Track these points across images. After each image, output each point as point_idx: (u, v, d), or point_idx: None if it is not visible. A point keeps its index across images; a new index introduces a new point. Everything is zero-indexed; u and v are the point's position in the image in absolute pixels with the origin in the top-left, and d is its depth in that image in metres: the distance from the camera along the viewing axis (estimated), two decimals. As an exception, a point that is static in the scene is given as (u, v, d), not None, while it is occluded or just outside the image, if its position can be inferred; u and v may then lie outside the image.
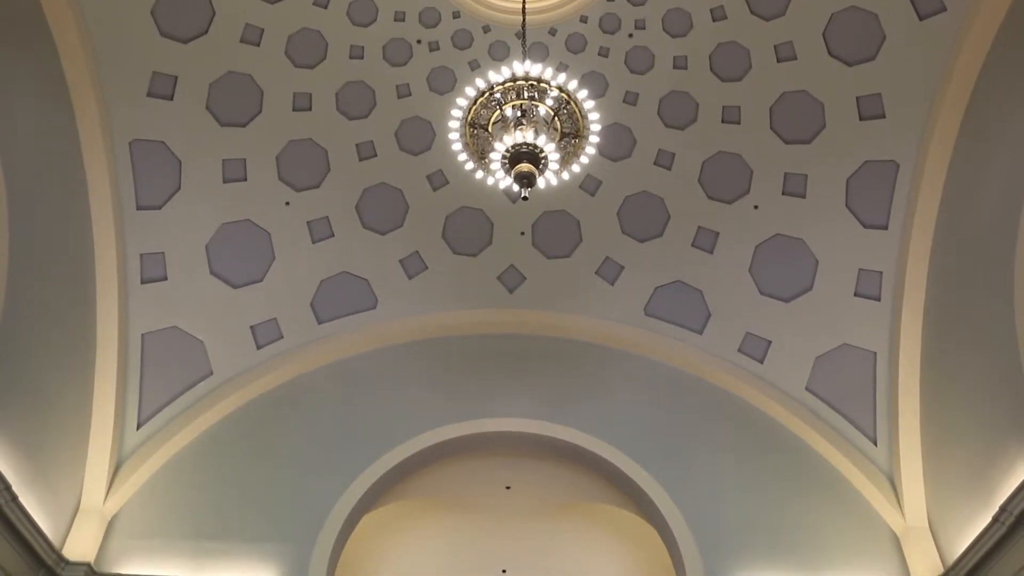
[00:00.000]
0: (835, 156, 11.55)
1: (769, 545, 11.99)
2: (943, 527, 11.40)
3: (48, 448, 10.68)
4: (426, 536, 16.57)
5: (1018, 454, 9.59)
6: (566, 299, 13.80)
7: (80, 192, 10.74)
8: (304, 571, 11.64)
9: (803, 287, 12.48)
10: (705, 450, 12.99)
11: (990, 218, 9.88)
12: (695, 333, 13.53)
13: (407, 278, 13.49)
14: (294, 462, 12.65)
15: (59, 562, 10.88)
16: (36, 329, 10.14)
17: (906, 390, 11.80)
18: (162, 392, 12.38)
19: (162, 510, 12.04)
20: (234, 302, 12.62)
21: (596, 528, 16.47)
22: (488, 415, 13.29)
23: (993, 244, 9.82)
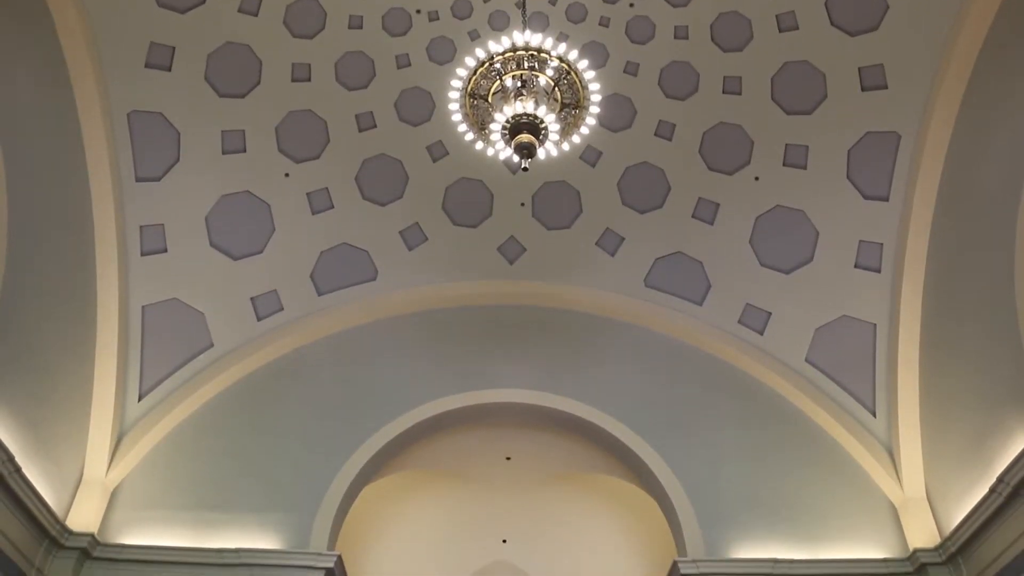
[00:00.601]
0: (836, 127, 11.49)
1: (768, 515, 12.07)
2: (941, 498, 11.48)
3: (50, 420, 10.73)
4: (426, 506, 16.70)
5: (1016, 425, 9.65)
6: (566, 270, 13.80)
7: (78, 164, 10.70)
8: (306, 541, 11.73)
9: (803, 259, 12.46)
10: (705, 421, 13.04)
11: (992, 190, 9.85)
12: (695, 304, 13.54)
13: (407, 249, 13.47)
14: (295, 433, 12.71)
15: (63, 532, 10.96)
16: (37, 302, 10.15)
17: (905, 362, 11.83)
18: (163, 364, 12.41)
19: (164, 481, 12.12)
20: (234, 274, 12.62)
21: (595, 499, 16.58)
22: (488, 386, 13.33)
23: (994, 217, 9.80)
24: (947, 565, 11.16)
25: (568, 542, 17.11)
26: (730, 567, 11.57)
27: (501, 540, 17.22)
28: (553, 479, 16.09)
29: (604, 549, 16.99)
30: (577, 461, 14.95)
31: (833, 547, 11.72)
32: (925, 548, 11.29)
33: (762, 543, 11.83)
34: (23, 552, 10.30)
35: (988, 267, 9.99)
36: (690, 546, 11.93)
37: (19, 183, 9.51)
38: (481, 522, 16.88)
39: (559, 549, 17.15)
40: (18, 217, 9.58)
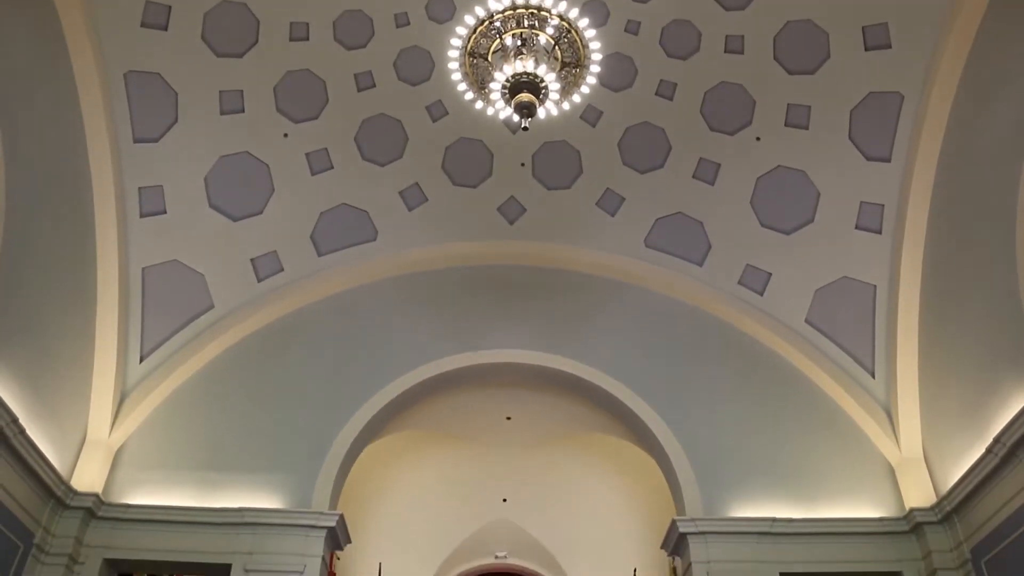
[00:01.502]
0: (839, 87, 11.37)
1: (766, 475, 12.19)
2: (938, 458, 11.57)
3: (52, 382, 10.79)
4: (427, 467, 16.86)
5: (1014, 387, 9.70)
6: (566, 230, 13.76)
7: (75, 126, 10.62)
8: (307, 501, 11.86)
9: (804, 219, 12.43)
10: (704, 381, 13.11)
11: (994, 152, 9.79)
12: (695, 265, 13.53)
13: (407, 210, 13.42)
14: (296, 394, 12.79)
15: (68, 493, 11.08)
16: (36, 265, 10.15)
17: (905, 323, 11.86)
18: (164, 326, 12.45)
19: (167, 442, 12.23)
20: (234, 235, 12.60)
21: (595, 458, 16.73)
22: (488, 347, 13.38)
23: (996, 178, 9.76)
24: (942, 524, 11.29)
25: (568, 501, 17.29)
26: (728, 526, 11.70)
27: (501, 499, 17.41)
28: (553, 439, 16.21)
29: (603, 508, 17.19)
30: (577, 421, 15.05)
31: (830, 506, 11.86)
32: (921, 507, 11.42)
33: (760, 502, 11.96)
34: (30, 512, 10.43)
35: (989, 229, 9.97)
36: (689, 505, 12.06)
37: (15, 145, 9.45)
38: (481, 481, 17.04)
39: (559, 508, 17.36)
40: (16, 180, 9.53)
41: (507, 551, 18.27)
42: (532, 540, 17.74)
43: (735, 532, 11.63)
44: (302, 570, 11.24)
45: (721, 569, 11.40)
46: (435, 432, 15.93)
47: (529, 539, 17.75)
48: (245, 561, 11.22)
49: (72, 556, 10.92)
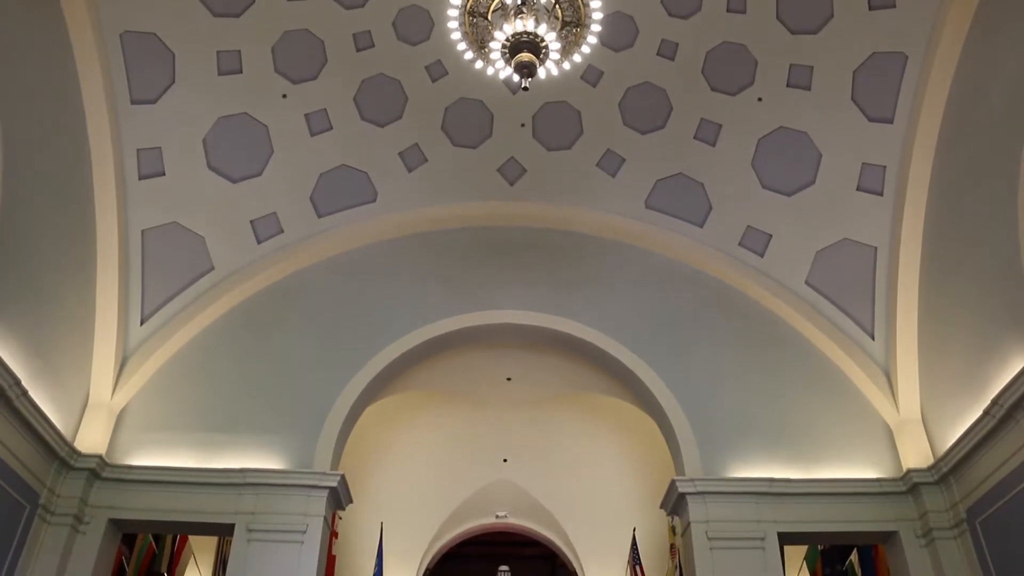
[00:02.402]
0: (842, 47, 11.25)
1: (765, 437, 12.29)
2: (935, 420, 11.65)
3: (54, 345, 10.83)
4: (428, 427, 16.98)
5: (1012, 349, 9.73)
6: (567, 191, 13.71)
7: (72, 87, 10.53)
8: (309, 462, 11.96)
9: (805, 181, 12.37)
10: (704, 343, 13.16)
11: (998, 114, 9.72)
12: (696, 226, 13.50)
13: (407, 171, 13.36)
14: (297, 355, 12.85)
15: (72, 454, 11.18)
16: (36, 227, 10.13)
17: (905, 285, 11.87)
18: (164, 288, 12.46)
19: (169, 403, 12.30)
20: (233, 197, 12.56)
21: (595, 419, 16.84)
22: (488, 307, 13.40)
23: (999, 141, 9.70)
24: (939, 485, 11.41)
25: (568, 461, 17.44)
26: (727, 486, 11.82)
27: (502, 459, 17.56)
28: (553, 399, 16.30)
29: (603, 468, 17.34)
30: (577, 382, 15.12)
31: (828, 467, 11.97)
32: (918, 468, 11.52)
33: (759, 463, 12.07)
34: (34, 473, 10.55)
35: (991, 192, 9.94)
36: (688, 466, 12.17)
37: (11, 108, 9.39)
38: (482, 442, 17.17)
39: (559, 468, 17.51)
40: (13, 144, 9.48)
41: (507, 511, 18.48)
42: (532, 500, 17.92)
43: (734, 492, 11.76)
44: (305, 530, 11.37)
45: (719, 529, 11.52)
46: (436, 393, 16.01)
47: (529, 499, 17.93)
48: (248, 521, 11.35)
49: (77, 516, 11.06)
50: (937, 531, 11.18)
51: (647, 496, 16.41)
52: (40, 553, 10.65)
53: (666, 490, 12.43)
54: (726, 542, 11.44)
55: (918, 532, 11.44)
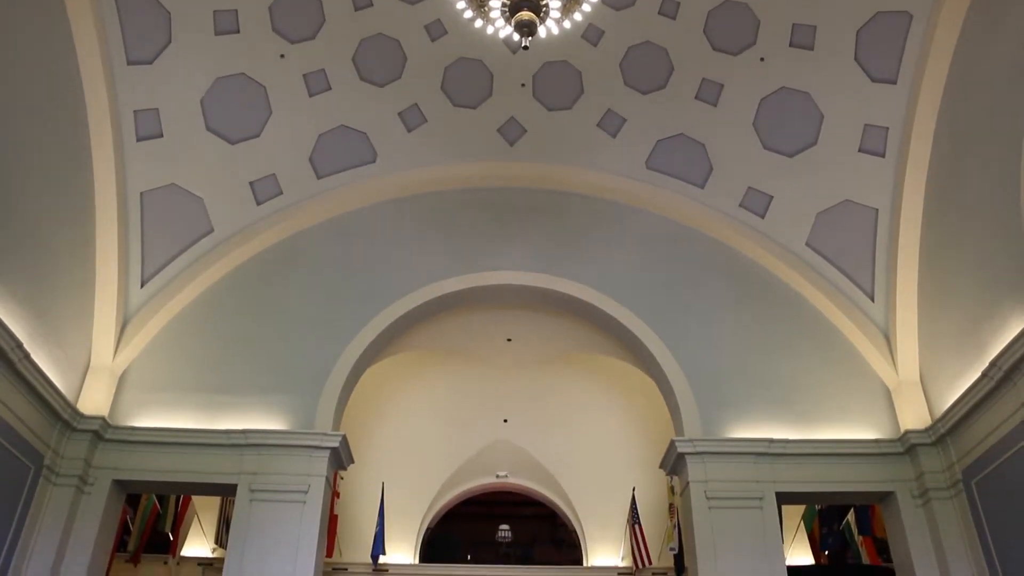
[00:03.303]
0: (846, 6, 11.08)
1: (764, 397, 12.35)
2: (934, 381, 11.70)
3: (56, 308, 10.85)
4: (428, 388, 17.07)
5: (1011, 311, 9.74)
6: (567, 152, 13.63)
7: (67, 47, 10.39)
8: (311, 422, 12.05)
9: (807, 142, 12.29)
10: (704, 303, 13.17)
11: (1003, 74, 9.63)
12: (696, 187, 13.45)
13: (406, 131, 13.27)
14: (298, 316, 12.87)
15: (75, 416, 11.26)
16: (34, 190, 10.09)
17: (905, 247, 11.86)
18: (164, 250, 12.45)
19: (170, 365, 12.36)
20: (232, 158, 12.49)
21: (595, 379, 16.92)
22: (489, 268, 13.41)
23: (1003, 103, 9.63)
24: (936, 446, 11.50)
25: (568, 422, 17.55)
26: (726, 446, 11.91)
27: (502, 419, 17.67)
28: (553, 360, 16.36)
29: (603, 428, 17.46)
30: (577, 342, 15.17)
31: (827, 428, 12.05)
32: (916, 430, 11.61)
33: (758, 423, 12.14)
34: (38, 435, 10.64)
35: (994, 153, 9.88)
36: (687, 426, 12.25)
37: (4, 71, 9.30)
38: (482, 403, 17.27)
39: (559, 429, 17.63)
40: (9, 107, 9.42)
41: (508, 471, 18.63)
42: (532, 460, 18.07)
43: (732, 452, 11.85)
44: (306, 490, 11.48)
45: (718, 488, 11.64)
46: (437, 353, 16.07)
47: (529, 459, 18.08)
48: (250, 481, 11.46)
49: (82, 477, 11.17)
50: (933, 491, 11.29)
51: (646, 456, 16.55)
52: (46, 514, 10.78)
53: (665, 450, 12.53)
54: (724, 502, 11.56)
55: (914, 492, 11.54)
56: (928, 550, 11.19)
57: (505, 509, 22.45)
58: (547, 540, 23.92)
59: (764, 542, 11.30)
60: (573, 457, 17.76)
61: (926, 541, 11.25)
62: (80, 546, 10.91)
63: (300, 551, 11.07)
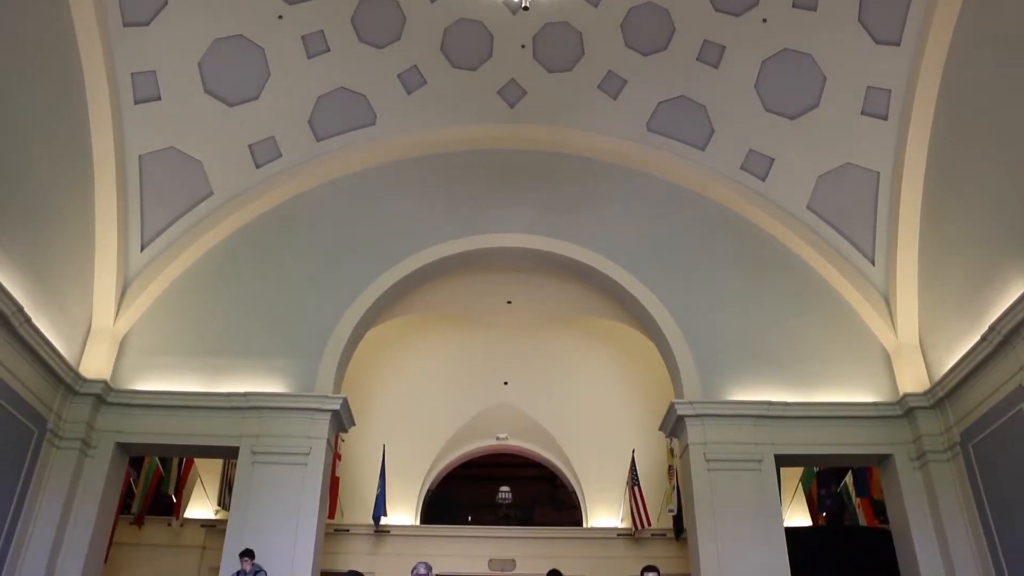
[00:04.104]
0: (850, -35, 11.02)
1: (764, 360, 12.39)
2: (933, 345, 11.73)
3: (55, 272, 10.87)
4: (429, 350, 17.07)
5: (1011, 276, 9.75)
6: (568, 114, 13.55)
7: (62, 9, 10.28)
8: (312, 385, 12.09)
9: (809, 104, 12.21)
10: (704, 266, 13.17)
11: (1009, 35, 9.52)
12: (697, 149, 13.38)
13: (406, 93, 13.18)
14: (298, 279, 12.87)
15: (77, 379, 11.31)
16: (32, 155, 10.05)
17: (907, 211, 11.83)
18: (163, 213, 12.43)
19: (171, 328, 12.38)
20: (231, 121, 12.42)
21: (596, 342, 16.93)
22: (489, 230, 13.40)
23: (1009, 66, 9.54)
24: (934, 409, 11.55)
25: (568, 384, 17.59)
26: (725, 409, 11.98)
27: (503, 382, 17.70)
28: (554, 322, 16.38)
29: (603, 391, 17.50)
30: (578, 305, 15.17)
31: (826, 391, 12.11)
32: (914, 393, 11.66)
33: (757, 386, 12.19)
34: (41, 399, 10.70)
35: (997, 117, 9.81)
36: (687, 388, 12.31)
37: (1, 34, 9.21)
38: (483, 365, 17.29)
39: (559, 391, 17.67)
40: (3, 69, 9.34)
41: (508, 433, 18.70)
42: (533, 422, 18.13)
43: (732, 415, 11.92)
44: (308, 452, 11.56)
45: (717, 451, 11.72)
46: (437, 316, 16.09)
47: (530, 422, 18.14)
48: (252, 444, 11.54)
49: (85, 440, 11.25)
50: (931, 454, 11.37)
51: (646, 418, 16.60)
52: (50, 476, 10.88)
53: (665, 412, 12.58)
54: (723, 464, 11.65)
55: (912, 455, 11.62)
56: (925, 512, 11.31)
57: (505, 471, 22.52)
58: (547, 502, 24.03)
59: (762, 504, 11.41)
60: (573, 419, 17.83)
61: (923, 503, 11.36)
62: (85, 508, 11.04)
63: (302, 513, 11.17)
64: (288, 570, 10.76)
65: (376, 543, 16.51)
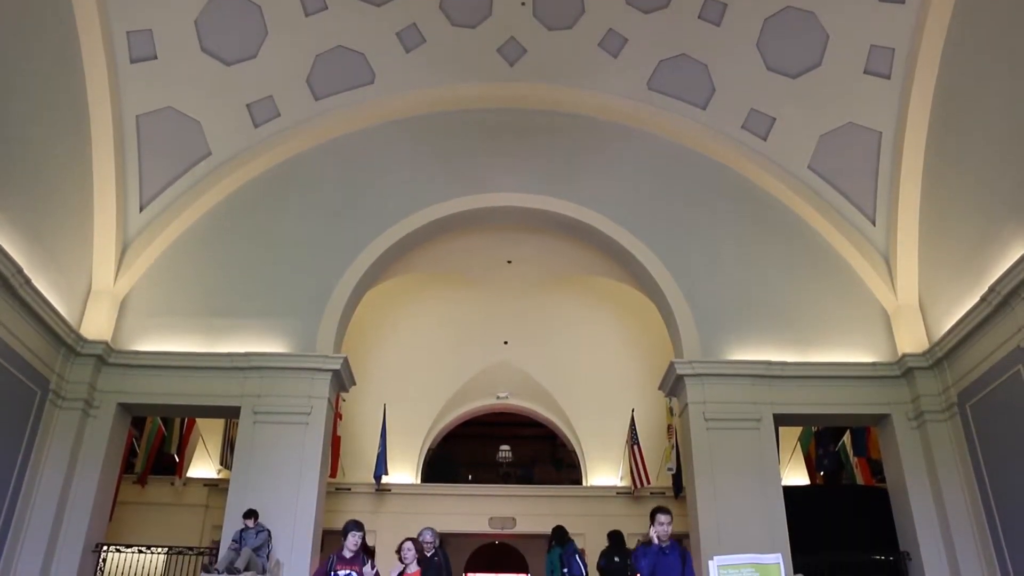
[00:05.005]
0: (855, -79, 10.86)
1: (763, 320, 12.41)
2: (932, 306, 11.74)
3: (54, 233, 10.86)
4: (429, 310, 17.10)
5: (1012, 237, 9.74)
6: (568, 72, 13.42)
7: (56, -34, 10.18)
8: (312, 344, 12.12)
9: (811, 63, 12.09)
10: (704, 226, 13.14)
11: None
12: (698, 108, 13.28)
13: (404, 51, 13.04)
14: (298, 239, 12.86)
15: (78, 340, 11.35)
16: (27, 116, 9.99)
17: (908, 171, 11.77)
18: (162, 174, 12.37)
19: (171, 289, 12.39)
20: (228, 80, 12.31)
21: (596, 301, 16.95)
22: (489, 190, 13.35)
23: (1013, 25, 9.43)
24: (932, 369, 11.60)
25: (568, 343, 17.64)
26: (724, 368, 12.02)
27: (503, 341, 17.75)
28: (554, 282, 16.38)
29: (603, 350, 17.56)
30: (577, 264, 15.18)
31: (825, 351, 12.14)
32: (913, 353, 11.70)
33: (757, 346, 12.23)
34: (43, 360, 10.74)
35: (1001, 76, 9.73)
36: (687, 348, 12.34)
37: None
38: (483, 324, 17.33)
39: (559, 350, 17.73)
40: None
41: (508, 392, 18.80)
42: (532, 382, 18.23)
43: (731, 374, 11.97)
44: (309, 411, 11.63)
45: (716, 410, 11.79)
46: (437, 276, 16.09)
47: (530, 381, 18.23)
48: (254, 404, 11.60)
49: (87, 401, 11.31)
50: (929, 414, 11.44)
51: (646, 378, 16.68)
52: (54, 437, 10.96)
53: (665, 372, 12.63)
54: (722, 423, 11.72)
55: (910, 415, 11.69)
56: (921, 471, 11.41)
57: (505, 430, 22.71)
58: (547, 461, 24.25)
59: (761, 463, 11.50)
60: (573, 379, 17.92)
61: (920, 462, 11.46)
62: (88, 468, 11.14)
63: (304, 472, 11.27)
64: (290, 528, 10.87)
65: (377, 501, 16.68)
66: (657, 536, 7.49)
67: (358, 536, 8.17)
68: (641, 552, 7.54)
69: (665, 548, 7.48)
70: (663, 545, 7.49)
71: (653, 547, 7.48)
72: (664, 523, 7.49)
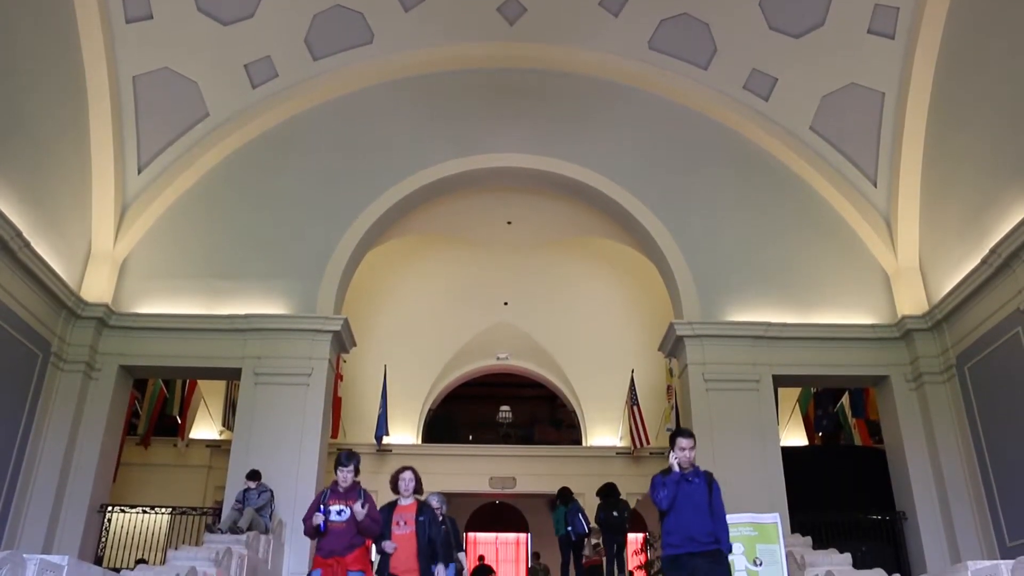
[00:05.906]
0: None
1: (764, 281, 12.42)
2: (933, 268, 11.74)
3: (53, 197, 10.82)
4: (429, 271, 17.11)
5: (1013, 199, 9.72)
6: (568, 31, 13.27)
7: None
8: (312, 306, 12.14)
9: (814, 22, 11.94)
10: (705, 187, 13.09)
11: (1019, -47, 9.32)
12: (700, 68, 13.15)
13: (403, 10, 12.87)
14: (297, 200, 12.82)
15: (78, 303, 11.36)
16: (23, 79, 9.89)
17: (911, 132, 11.70)
18: (160, 135, 12.29)
19: (171, 252, 12.37)
20: (225, 40, 12.16)
21: (595, 262, 16.95)
22: (488, 151, 13.28)
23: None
24: (932, 332, 11.63)
25: (568, 305, 17.67)
26: (724, 329, 12.05)
27: (503, 302, 17.78)
28: (553, 243, 16.37)
29: (603, 311, 17.59)
30: (578, 225, 15.16)
31: (825, 312, 12.16)
32: (913, 315, 11.73)
33: (757, 307, 12.24)
34: (44, 323, 10.77)
35: (1006, 37, 9.64)
36: (687, 309, 12.36)
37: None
38: (483, 285, 17.35)
39: (559, 311, 17.76)
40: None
41: (508, 353, 18.86)
42: (533, 343, 18.28)
43: (730, 336, 12.00)
44: (310, 372, 11.67)
45: (716, 371, 11.83)
46: (437, 237, 16.07)
47: (530, 342, 18.28)
48: (255, 365, 11.64)
49: (89, 363, 11.35)
50: (927, 376, 11.49)
51: (645, 339, 16.72)
52: (56, 399, 11.02)
53: (664, 333, 12.65)
54: (722, 384, 11.77)
55: (909, 376, 11.74)
56: (919, 432, 11.49)
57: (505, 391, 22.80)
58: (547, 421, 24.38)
59: (760, 423, 11.57)
60: (573, 339, 17.97)
61: (917, 423, 11.54)
62: (91, 430, 11.21)
63: (305, 433, 11.34)
64: (292, 489, 10.96)
65: (378, 462, 16.79)
66: (679, 463, 6.38)
67: (346, 472, 6.86)
68: (659, 481, 6.42)
69: (688, 475, 6.40)
70: (685, 472, 6.40)
71: (674, 474, 6.37)
72: (686, 447, 6.39)
